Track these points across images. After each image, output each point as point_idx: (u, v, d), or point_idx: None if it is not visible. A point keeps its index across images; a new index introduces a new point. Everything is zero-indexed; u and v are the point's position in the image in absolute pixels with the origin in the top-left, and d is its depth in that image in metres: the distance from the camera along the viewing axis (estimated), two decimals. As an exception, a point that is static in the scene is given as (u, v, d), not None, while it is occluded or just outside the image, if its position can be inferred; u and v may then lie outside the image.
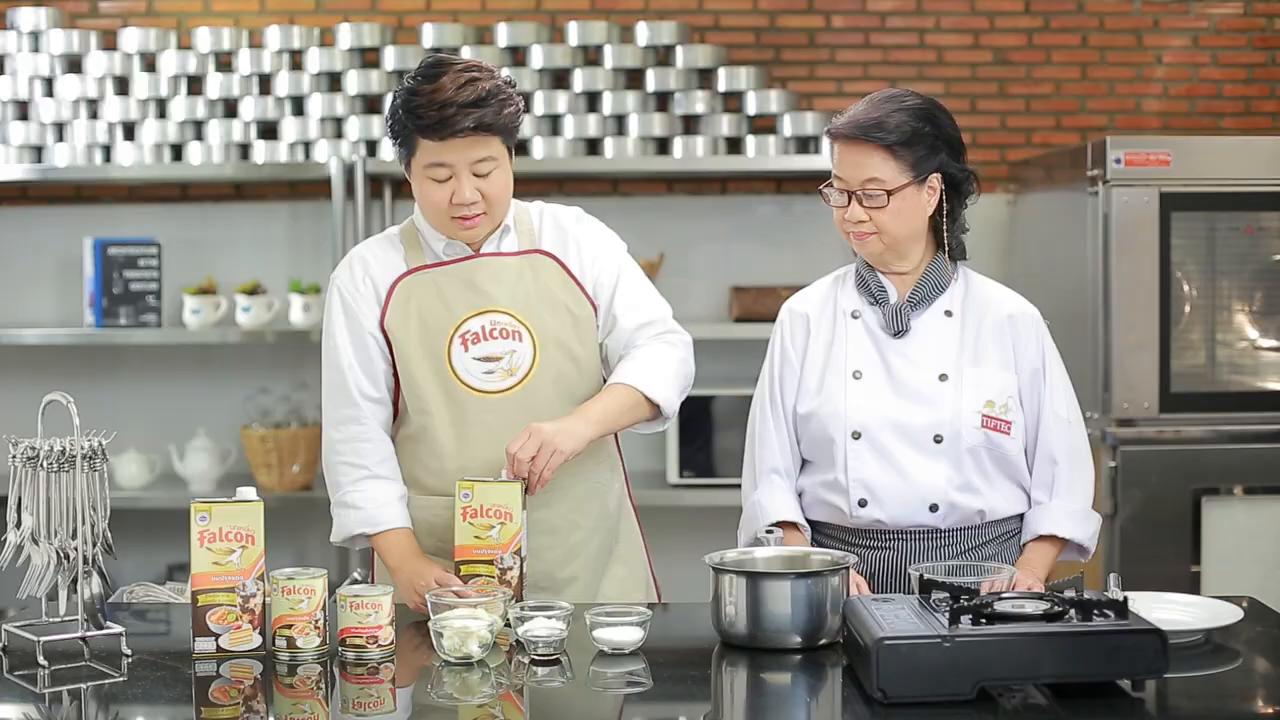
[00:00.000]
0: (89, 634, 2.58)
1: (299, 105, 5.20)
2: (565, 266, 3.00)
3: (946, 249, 2.95)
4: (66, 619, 2.62)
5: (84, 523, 2.59)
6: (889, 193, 2.85)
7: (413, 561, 2.89)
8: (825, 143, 3.00)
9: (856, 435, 2.89)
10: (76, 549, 2.59)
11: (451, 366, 2.93)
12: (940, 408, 2.88)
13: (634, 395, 2.93)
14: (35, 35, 5.24)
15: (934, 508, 2.88)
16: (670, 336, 3.04)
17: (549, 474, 2.79)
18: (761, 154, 5.04)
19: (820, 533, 2.99)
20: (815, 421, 2.94)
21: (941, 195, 2.91)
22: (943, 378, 2.90)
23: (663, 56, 5.26)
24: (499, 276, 2.96)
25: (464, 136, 2.81)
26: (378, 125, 5.09)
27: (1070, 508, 2.93)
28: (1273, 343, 4.59)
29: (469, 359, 2.93)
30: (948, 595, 2.44)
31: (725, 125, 5.12)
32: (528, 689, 2.44)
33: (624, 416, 2.93)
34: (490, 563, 2.78)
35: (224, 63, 5.26)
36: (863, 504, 2.89)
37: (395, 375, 2.97)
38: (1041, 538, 2.93)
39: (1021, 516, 2.97)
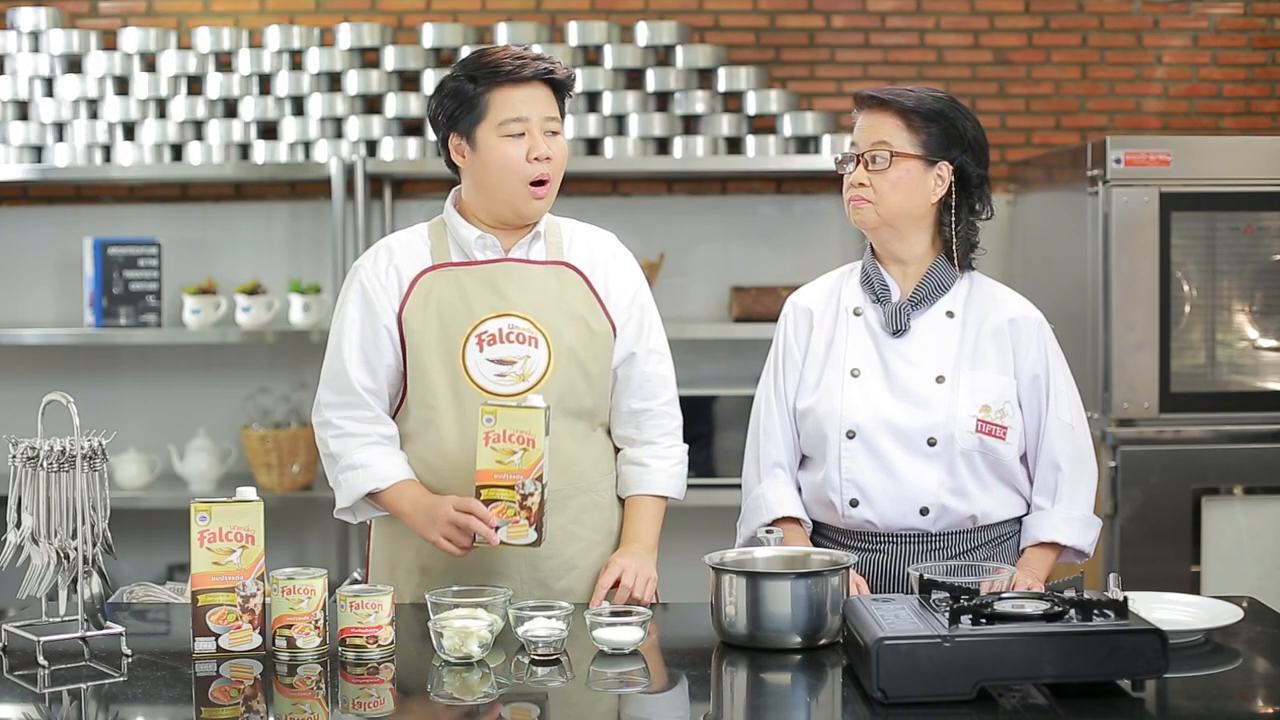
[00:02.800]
0: (89, 634, 2.58)
1: (299, 105, 5.20)
2: (590, 283, 2.98)
3: (952, 250, 2.95)
4: (66, 619, 2.62)
5: (84, 523, 2.59)
6: (892, 154, 2.85)
7: (426, 499, 2.87)
8: (826, 141, 3.00)
9: (851, 434, 2.89)
10: (76, 549, 2.59)
11: (465, 365, 2.91)
12: (935, 410, 2.87)
13: (665, 503, 3.07)
14: (35, 35, 5.24)
15: (925, 511, 2.87)
16: (677, 416, 3.09)
17: (649, 599, 2.91)
18: (761, 154, 5.04)
19: (815, 533, 2.99)
20: (812, 418, 2.94)
21: (951, 191, 2.91)
22: (939, 380, 2.89)
23: (663, 56, 5.26)
24: (522, 282, 2.94)
25: (540, 84, 2.88)
26: (378, 125, 5.09)
27: (1071, 514, 2.92)
28: (1273, 343, 4.59)
29: (483, 360, 2.91)
30: (948, 595, 2.44)
31: (725, 125, 5.12)
32: (528, 689, 2.44)
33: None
34: (511, 488, 2.74)
35: (224, 63, 5.27)
36: (854, 504, 2.89)
37: (404, 370, 2.95)
38: (1042, 544, 2.93)
39: (1015, 521, 2.97)
